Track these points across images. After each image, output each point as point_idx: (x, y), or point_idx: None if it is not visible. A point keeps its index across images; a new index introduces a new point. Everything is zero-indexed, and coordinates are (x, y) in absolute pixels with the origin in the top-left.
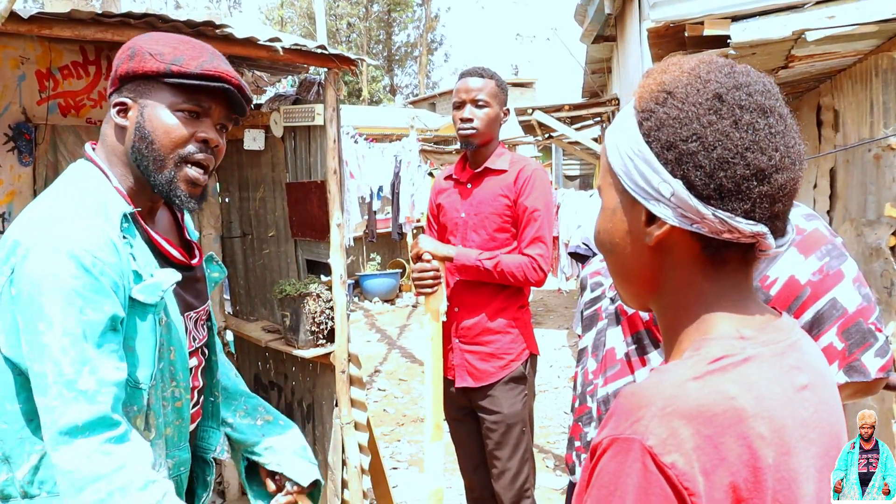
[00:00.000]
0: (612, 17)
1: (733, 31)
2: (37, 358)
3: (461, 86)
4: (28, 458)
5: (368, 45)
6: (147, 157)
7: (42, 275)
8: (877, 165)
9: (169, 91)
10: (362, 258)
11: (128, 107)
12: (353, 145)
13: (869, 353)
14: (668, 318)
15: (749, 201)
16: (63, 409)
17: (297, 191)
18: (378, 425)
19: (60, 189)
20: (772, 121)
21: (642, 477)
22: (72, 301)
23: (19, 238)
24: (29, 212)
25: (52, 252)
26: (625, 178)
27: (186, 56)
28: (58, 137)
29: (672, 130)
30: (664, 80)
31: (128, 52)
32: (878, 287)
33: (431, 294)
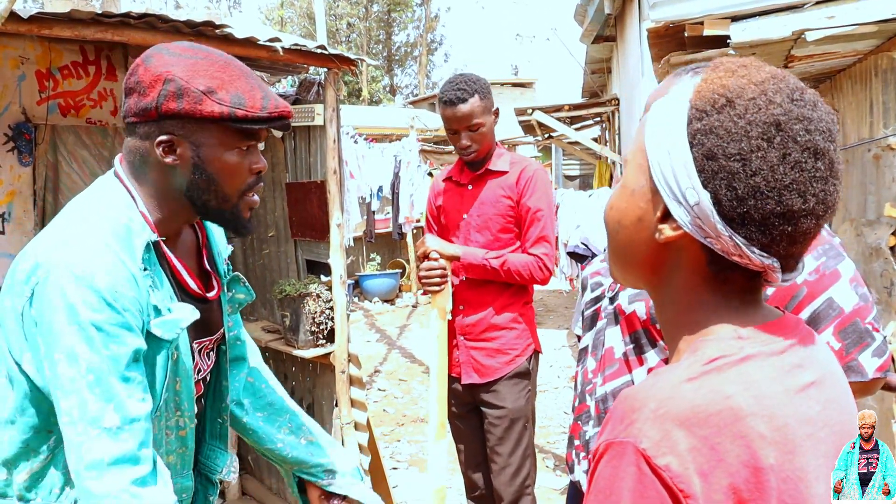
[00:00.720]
0: (612, 17)
1: (733, 32)
2: (60, 389)
3: (450, 114)
4: (30, 465)
5: (368, 45)
6: (210, 193)
7: (64, 304)
8: (876, 165)
9: (224, 131)
10: (362, 258)
11: (175, 144)
12: (353, 145)
13: (866, 353)
14: (667, 315)
15: (769, 237)
16: (89, 446)
17: (297, 191)
18: (378, 425)
19: (86, 208)
20: (820, 165)
21: (637, 480)
22: (94, 336)
23: (41, 260)
24: (54, 229)
25: (75, 281)
26: (655, 167)
27: (242, 93)
28: (58, 137)
29: (718, 142)
30: (730, 84)
31: (170, 87)
32: (877, 287)
33: (438, 292)
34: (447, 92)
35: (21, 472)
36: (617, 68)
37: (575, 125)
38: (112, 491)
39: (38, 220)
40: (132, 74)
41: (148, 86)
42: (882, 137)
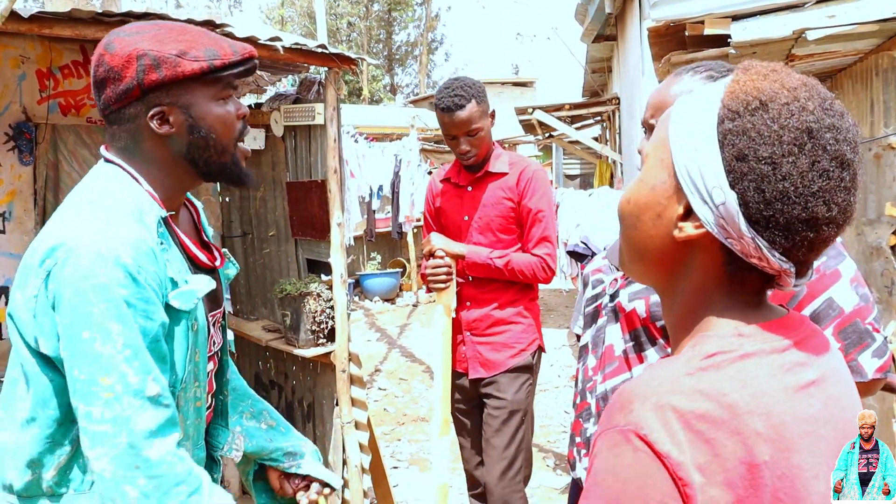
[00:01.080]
0: (613, 16)
1: (733, 31)
2: (98, 367)
3: (448, 121)
4: (57, 460)
5: (369, 45)
6: (210, 149)
7: (91, 284)
8: (877, 164)
9: (208, 85)
10: (363, 257)
11: (166, 114)
12: (354, 144)
13: (866, 354)
14: (675, 311)
15: (791, 241)
16: (137, 417)
17: (298, 190)
18: (378, 424)
19: (93, 192)
20: (845, 175)
21: (636, 460)
22: (125, 312)
23: (58, 242)
24: (64, 215)
25: (99, 259)
26: (680, 164)
27: (211, 46)
28: (58, 137)
29: (750, 144)
30: (763, 87)
31: (145, 61)
32: (878, 286)
33: (444, 290)
34: (444, 98)
35: (49, 469)
36: (617, 67)
37: (575, 124)
38: (165, 456)
39: (39, 220)
40: (98, 66)
41: (121, 69)
42: (883, 137)
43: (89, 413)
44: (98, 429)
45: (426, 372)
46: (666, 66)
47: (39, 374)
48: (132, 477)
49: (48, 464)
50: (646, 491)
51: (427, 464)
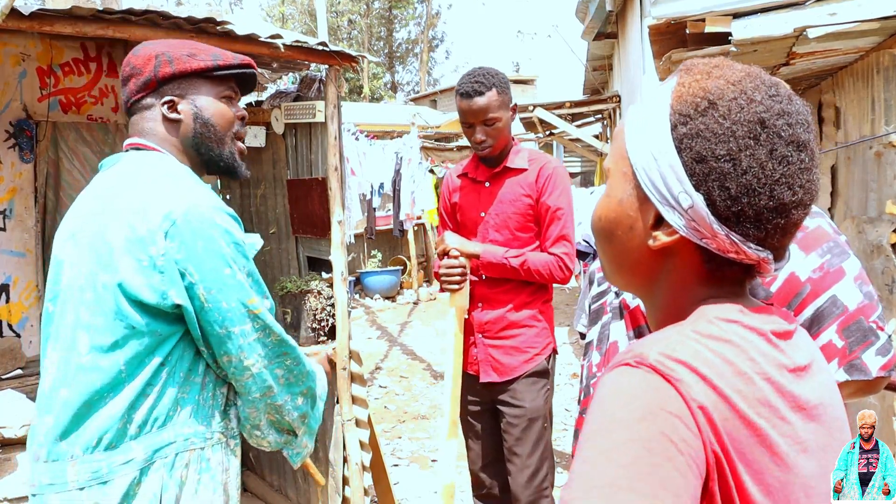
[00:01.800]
0: (614, 14)
1: (734, 28)
2: (240, 292)
3: (465, 107)
4: (148, 399)
5: (369, 42)
6: (210, 137)
7: (217, 231)
8: (878, 163)
9: (212, 83)
10: (363, 255)
11: (176, 102)
12: (354, 142)
13: (870, 352)
14: (659, 317)
15: (764, 231)
16: (272, 321)
17: (298, 188)
18: (379, 422)
19: (157, 169)
20: (804, 156)
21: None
22: (242, 249)
23: (169, 208)
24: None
25: (214, 211)
26: (643, 175)
27: (217, 52)
28: (59, 134)
29: (707, 144)
30: (708, 86)
31: (161, 59)
32: (879, 285)
33: (458, 290)
34: (464, 84)
35: (139, 410)
36: (618, 65)
37: (576, 122)
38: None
39: (40, 217)
40: (126, 66)
41: (142, 66)
42: (884, 135)
43: (244, 331)
44: (251, 339)
45: (426, 370)
46: (667, 64)
47: (149, 330)
48: (280, 361)
49: (140, 405)
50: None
51: (428, 462)
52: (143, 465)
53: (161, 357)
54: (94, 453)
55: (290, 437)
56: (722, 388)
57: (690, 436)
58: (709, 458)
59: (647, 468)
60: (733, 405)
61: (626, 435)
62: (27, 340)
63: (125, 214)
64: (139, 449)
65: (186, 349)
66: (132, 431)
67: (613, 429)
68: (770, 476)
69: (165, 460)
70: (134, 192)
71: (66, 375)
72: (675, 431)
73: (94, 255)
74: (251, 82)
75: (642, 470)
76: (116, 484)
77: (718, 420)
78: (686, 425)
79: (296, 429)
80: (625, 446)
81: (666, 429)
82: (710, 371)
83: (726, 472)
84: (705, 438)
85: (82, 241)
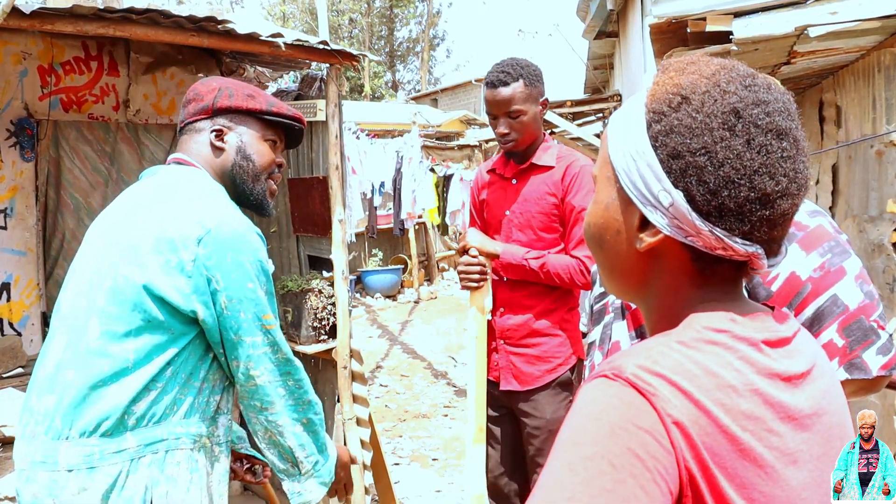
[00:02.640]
0: (615, 12)
1: (735, 27)
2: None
3: (489, 98)
4: (149, 394)
5: (370, 41)
6: (247, 172)
7: (246, 248)
8: (879, 162)
9: (261, 125)
10: (364, 254)
11: (224, 132)
12: (355, 141)
13: (870, 351)
14: (653, 320)
15: (749, 223)
16: (282, 339)
17: (299, 187)
18: (380, 421)
19: (194, 184)
20: (785, 144)
21: (621, 392)
22: (267, 265)
23: (204, 218)
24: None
25: (246, 229)
26: (624, 177)
27: (273, 101)
28: (60, 133)
29: (681, 140)
30: (681, 82)
31: (223, 91)
32: (880, 284)
33: (477, 290)
34: (491, 74)
35: (140, 402)
36: (619, 64)
37: (577, 121)
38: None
39: (40, 216)
40: (191, 91)
41: (205, 94)
42: (885, 133)
43: (254, 342)
44: (260, 351)
45: (427, 368)
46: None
47: (165, 326)
48: (284, 381)
49: (142, 398)
50: (629, 417)
51: (429, 460)
52: (134, 456)
53: (168, 356)
54: (89, 437)
55: (292, 468)
56: (703, 401)
57: (662, 452)
58: (682, 474)
59: (610, 484)
60: (715, 419)
61: (593, 450)
62: (28, 339)
63: (159, 218)
64: (133, 440)
65: (193, 353)
66: (130, 423)
67: (581, 442)
68: (755, 490)
69: (156, 455)
70: (171, 199)
71: (75, 358)
72: (644, 447)
73: (119, 249)
74: (297, 137)
75: (605, 486)
76: (104, 471)
77: (697, 435)
78: (657, 441)
79: (298, 462)
80: (590, 461)
81: (634, 444)
82: (691, 384)
83: (702, 489)
84: (679, 455)
85: (110, 237)
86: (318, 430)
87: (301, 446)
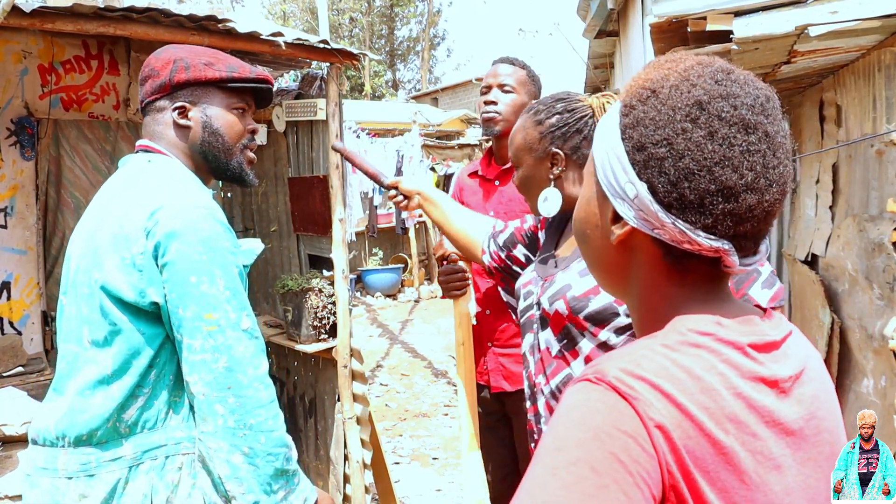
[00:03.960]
0: (615, 12)
1: (736, 27)
2: (205, 305)
3: (489, 71)
4: (137, 401)
5: (371, 40)
6: (218, 147)
7: (197, 236)
8: (879, 161)
9: (224, 94)
10: (364, 253)
11: (187, 109)
12: (356, 140)
13: (755, 287)
14: (637, 318)
15: (711, 217)
16: (235, 346)
17: (300, 186)
18: (380, 420)
19: (160, 170)
20: (752, 138)
21: (604, 396)
22: (226, 259)
23: (157, 206)
24: (144, 185)
25: (200, 215)
26: (599, 170)
27: (233, 64)
28: (60, 132)
29: (645, 131)
30: (653, 76)
31: (179, 64)
32: (880, 283)
33: (460, 296)
34: (500, 57)
35: (129, 410)
36: (619, 63)
37: None
38: (254, 381)
39: (41, 215)
40: (146, 67)
41: (160, 69)
42: (885, 133)
43: (191, 345)
44: (198, 357)
45: (427, 368)
46: None
47: (132, 329)
48: (223, 396)
49: (130, 406)
50: (611, 421)
51: (429, 460)
52: (132, 463)
53: (147, 359)
54: (84, 446)
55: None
56: (686, 405)
57: (644, 456)
58: (665, 478)
59: (591, 489)
60: (697, 423)
61: (575, 454)
62: (28, 338)
63: (116, 214)
64: (129, 447)
65: (172, 352)
66: (123, 431)
67: (563, 446)
68: (736, 494)
69: (155, 462)
70: (130, 193)
71: (72, 366)
72: (627, 451)
73: (90, 252)
74: (266, 97)
75: (586, 490)
76: (103, 479)
77: (679, 439)
78: (640, 445)
79: (230, 499)
80: (572, 465)
81: (616, 449)
82: (674, 387)
83: (684, 493)
84: (661, 459)
85: (85, 237)
86: (268, 466)
87: (237, 480)
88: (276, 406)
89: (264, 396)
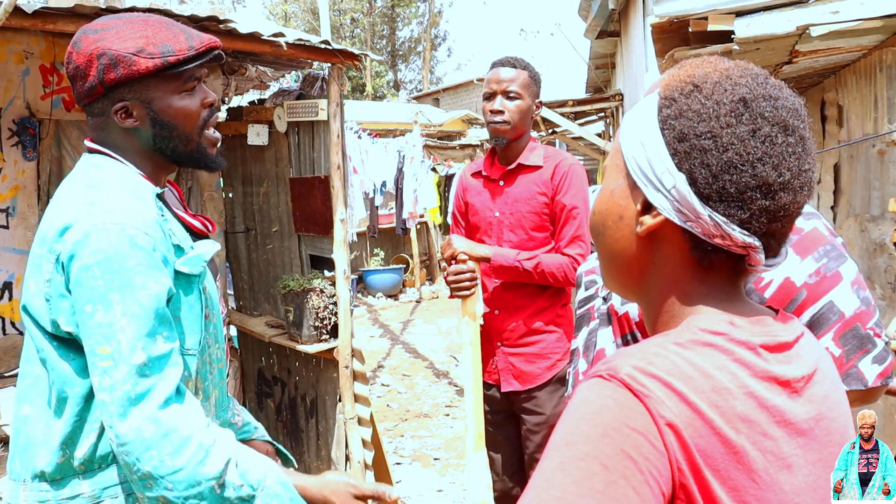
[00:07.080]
0: (616, 12)
1: (737, 27)
2: (98, 336)
3: (492, 76)
4: (88, 437)
5: (372, 41)
6: (174, 139)
7: (96, 259)
8: (881, 161)
9: (167, 81)
10: (366, 253)
11: (129, 108)
12: (357, 140)
13: (866, 360)
14: (652, 316)
15: (748, 212)
16: (120, 386)
17: (301, 186)
18: (381, 420)
19: (88, 177)
20: (791, 139)
21: (615, 393)
22: (128, 281)
23: (65, 224)
24: (64, 201)
25: (105, 234)
26: (631, 162)
27: (167, 42)
28: (61, 132)
29: (689, 122)
30: (695, 73)
31: (104, 60)
32: (882, 282)
33: (468, 296)
34: (498, 58)
35: (80, 447)
36: (621, 63)
37: (579, 120)
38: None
39: (42, 215)
40: (68, 63)
41: (85, 67)
42: (887, 133)
43: (94, 382)
44: (99, 397)
45: (429, 368)
46: (669, 62)
47: (57, 358)
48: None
49: (79, 441)
50: (622, 418)
51: (430, 460)
52: (91, 501)
53: (83, 389)
54: (41, 482)
55: None
56: (697, 403)
57: (654, 453)
58: (674, 476)
59: (601, 485)
60: (709, 421)
61: (585, 450)
62: None
63: (43, 229)
64: (86, 485)
65: None
66: (78, 468)
67: (574, 442)
68: (747, 493)
69: (115, 500)
70: (56, 206)
71: (28, 393)
72: (637, 449)
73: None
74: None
75: (595, 486)
76: None
77: (690, 437)
78: (650, 443)
79: None
80: (582, 461)
81: (626, 445)
82: (686, 386)
83: (693, 491)
84: (672, 456)
85: None
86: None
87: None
88: (177, 435)
89: (150, 434)
